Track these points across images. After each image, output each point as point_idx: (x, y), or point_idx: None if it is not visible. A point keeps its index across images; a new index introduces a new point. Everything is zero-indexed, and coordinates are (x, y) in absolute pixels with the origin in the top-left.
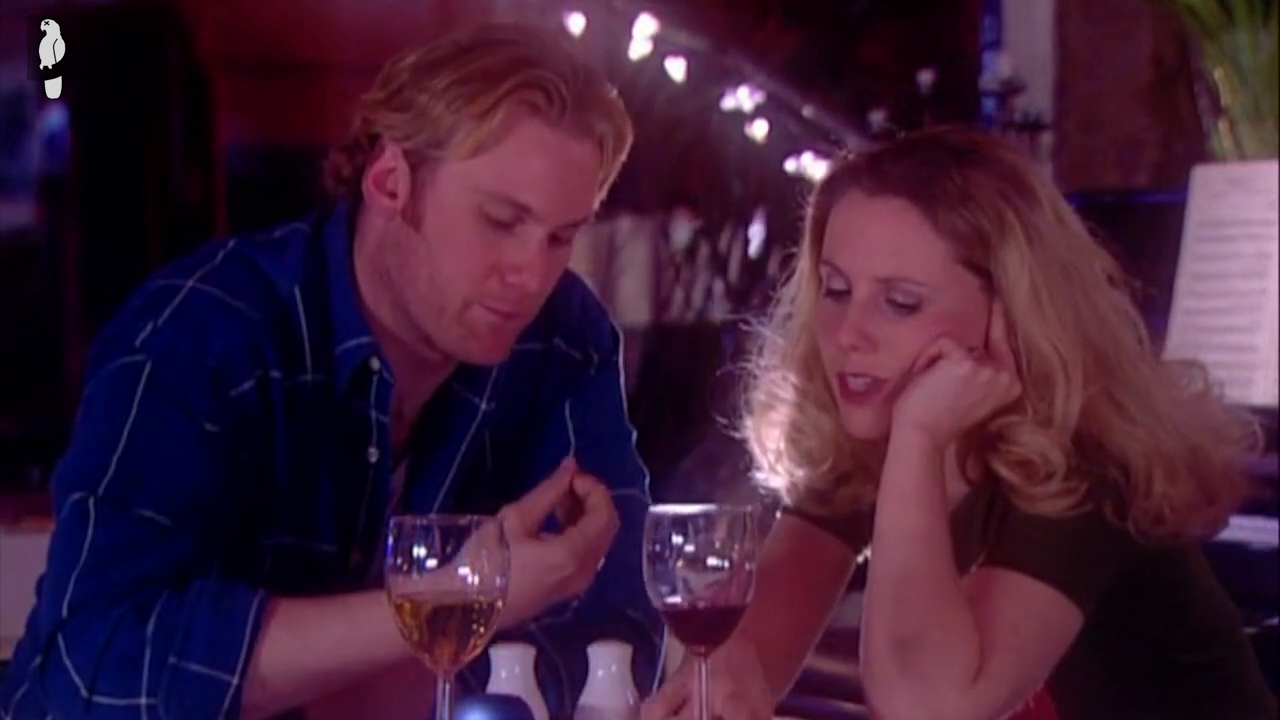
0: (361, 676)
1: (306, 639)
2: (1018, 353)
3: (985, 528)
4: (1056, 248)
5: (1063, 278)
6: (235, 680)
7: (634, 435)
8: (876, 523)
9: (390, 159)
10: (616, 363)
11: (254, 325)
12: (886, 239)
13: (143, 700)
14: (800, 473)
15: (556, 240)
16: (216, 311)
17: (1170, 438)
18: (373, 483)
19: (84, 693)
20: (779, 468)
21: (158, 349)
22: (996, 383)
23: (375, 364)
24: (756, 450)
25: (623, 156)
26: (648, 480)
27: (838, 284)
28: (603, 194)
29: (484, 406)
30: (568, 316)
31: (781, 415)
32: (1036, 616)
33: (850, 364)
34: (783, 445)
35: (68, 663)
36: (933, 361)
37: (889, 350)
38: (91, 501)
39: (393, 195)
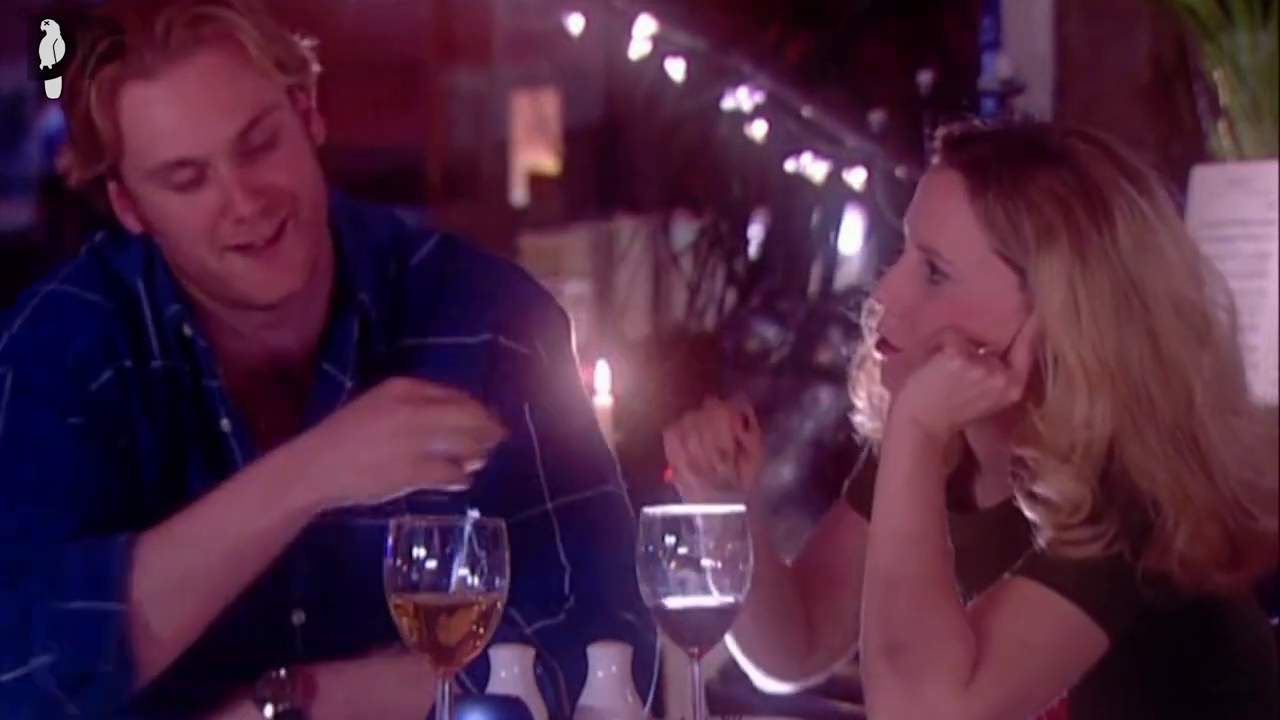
0: (243, 570)
1: (175, 547)
2: (1045, 363)
3: (1026, 532)
4: (1116, 271)
5: (1114, 301)
6: (120, 606)
7: (599, 427)
8: (871, 521)
9: (110, 184)
10: (569, 348)
11: (108, 317)
12: (934, 209)
13: (33, 663)
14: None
15: (258, 150)
16: (71, 309)
17: (1208, 492)
18: (239, 454)
19: None
20: (863, 420)
21: (16, 355)
22: (988, 383)
23: (188, 330)
24: (854, 399)
25: (257, 28)
26: (619, 469)
27: (905, 245)
28: (285, 76)
29: (348, 385)
30: (505, 309)
31: (871, 370)
32: (1053, 632)
33: (879, 321)
34: (869, 400)
35: None
36: (934, 353)
37: (909, 319)
38: None
39: (128, 212)
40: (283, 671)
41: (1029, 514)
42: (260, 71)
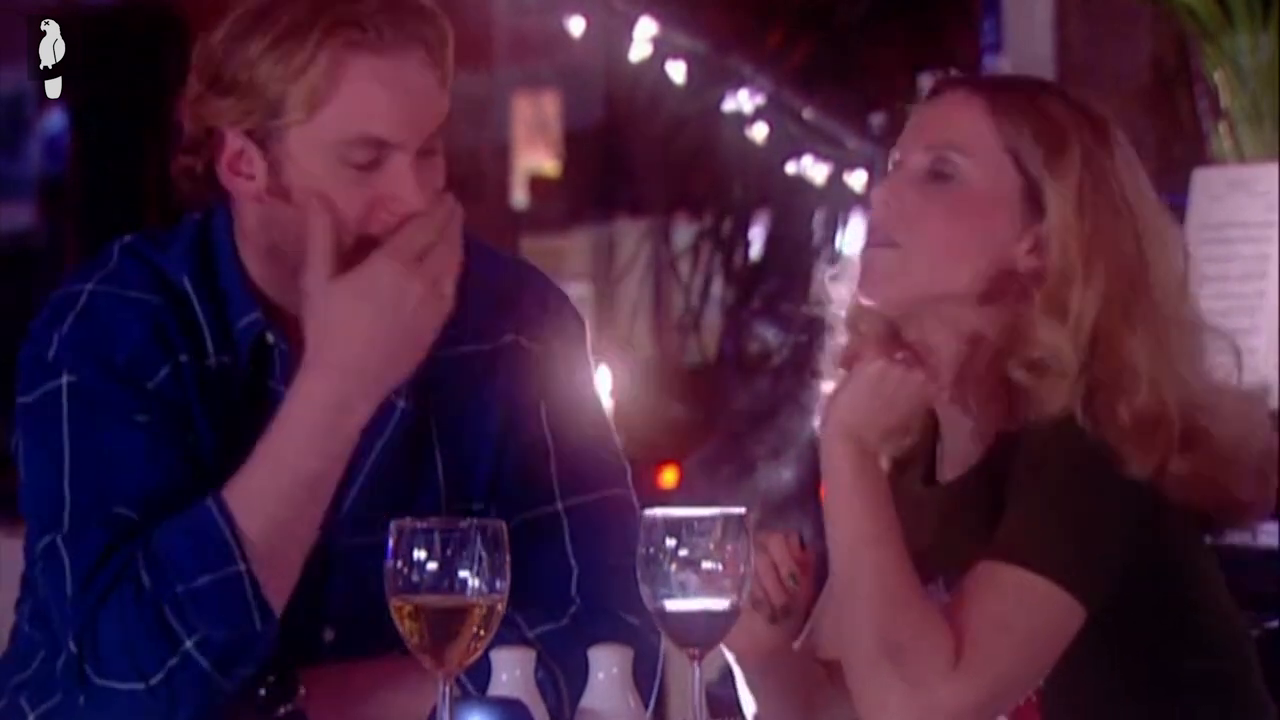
0: (322, 491)
1: (258, 494)
2: (1042, 271)
3: (991, 503)
4: (1114, 186)
5: (1111, 213)
6: (242, 565)
7: (614, 431)
8: (826, 535)
9: (235, 141)
10: (585, 351)
11: (156, 310)
12: (941, 117)
13: (188, 643)
14: None
15: (423, 153)
16: (115, 308)
17: (1166, 370)
18: None
19: (144, 689)
20: None
21: (69, 361)
22: (909, 379)
23: (270, 338)
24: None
25: (451, 50)
26: (629, 474)
27: (892, 163)
28: (446, 92)
29: (401, 404)
30: (525, 311)
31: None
32: (1031, 610)
33: (879, 220)
34: None
35: (111, 685)
36: (854, 363)
37: (911, 218)
38: (59, 540)
39: (250, 177)
40: (274, 677)
41: (1020, 379)
42: (443, 84)
